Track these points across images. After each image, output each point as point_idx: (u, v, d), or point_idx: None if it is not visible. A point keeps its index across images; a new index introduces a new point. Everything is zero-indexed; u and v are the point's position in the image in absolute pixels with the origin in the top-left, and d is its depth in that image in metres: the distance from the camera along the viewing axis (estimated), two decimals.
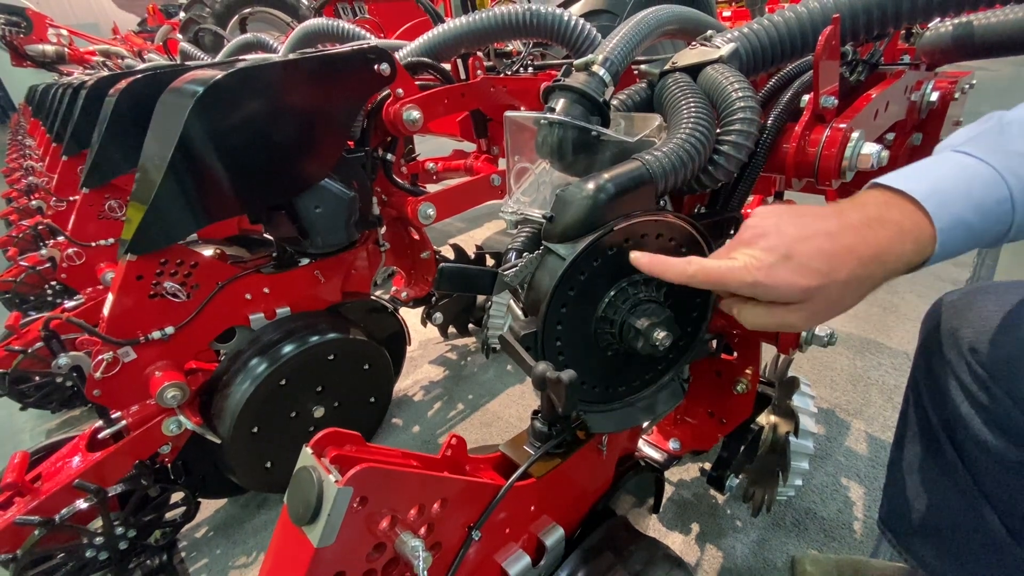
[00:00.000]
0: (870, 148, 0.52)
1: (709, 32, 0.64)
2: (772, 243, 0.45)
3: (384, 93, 1.12)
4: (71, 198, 2.14)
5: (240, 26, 2.40)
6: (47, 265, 2.13)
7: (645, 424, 0.83)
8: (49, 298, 2.17)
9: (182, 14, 5.70)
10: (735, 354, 0.77)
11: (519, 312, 0.55)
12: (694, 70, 0.61)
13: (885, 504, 0.89)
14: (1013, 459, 0.66)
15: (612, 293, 0.53)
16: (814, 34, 0.62)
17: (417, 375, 1.71)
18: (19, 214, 2.86)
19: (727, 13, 8.50)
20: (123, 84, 1.40)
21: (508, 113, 0.57)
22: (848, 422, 1.37)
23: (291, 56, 0.96)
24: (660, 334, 0.51)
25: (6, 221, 2.91)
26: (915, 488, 0.80)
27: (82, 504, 0.95)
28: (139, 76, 1.42)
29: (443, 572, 0.48)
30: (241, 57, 1.86)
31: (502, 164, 1.56)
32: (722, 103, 0.55)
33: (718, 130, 0.55)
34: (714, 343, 0.69)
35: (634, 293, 0.54)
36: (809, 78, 0.61)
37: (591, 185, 0.49)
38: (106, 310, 0.98)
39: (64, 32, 6.99)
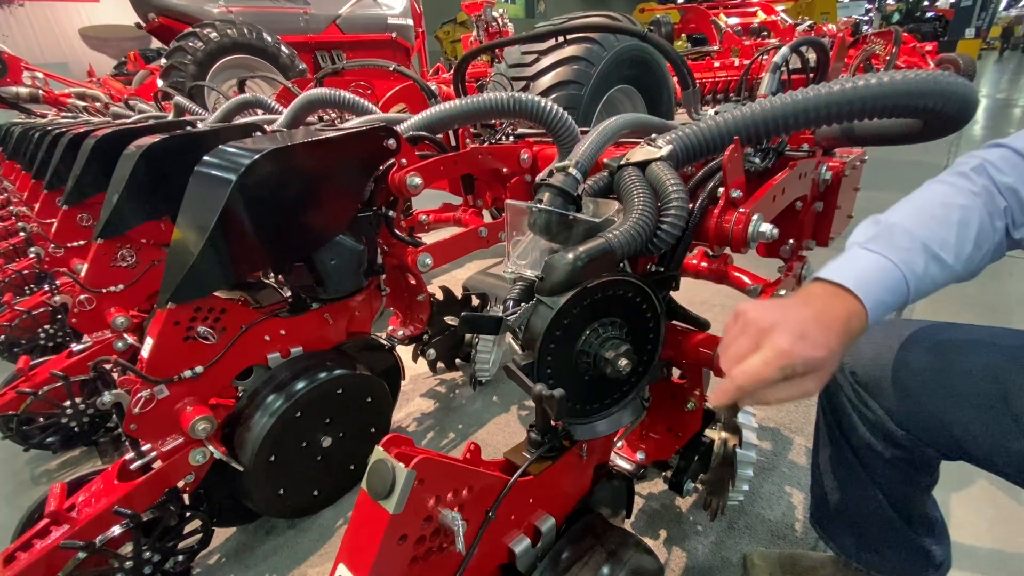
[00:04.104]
0: (765, 227, 0.74)
1: (654, 135, 0.87)
2: (788, 328, 0.57)
3: (389, 162, 1.31)
4: (70, 244, 2.23)
5: (239, 86, 2.58)
6: (41, 310, 2.20)
7: (616, 437, 1.01)
8: (42, 342, 2.23)
9: (163, 60, 5.85)
10: (685, 379, 0.97)
11: (517, 348, 0.73)
12: (643, 165, 0.82)
13: (812, 503, 1.08)
14: (890, 456, 0.87)
15: (587, 332, 0.72)
16: (729, 138, 0.85)
17: (409, 407, 1.84)
18: (3, 258, 2.90)
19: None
20: (144, 144, 1.56)
21: (508, 201, 0.77)
22: (791, 439, 1.58)
23: (318, 137, 1.14)
24: (622, 362, 0.70)
25: None
26: (830, 486, 1.00)
27: (117, 530, 1.06)
28: (159, 139, 1.58)
29: (467, 546, 0.63)
30: (246, 120, 2.04)
31: (487, 217, 1.76)
32: (662, 193, 0.76)
33: (660, 213, 0.76)
34: (665, 369, 0.88)
35: (603, 332, 0.73)
36: None
37: (570, 255, 0.69)
38: (145, 352, 1.11)
39: (40, 75, 7.04)
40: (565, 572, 0.72)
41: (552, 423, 0.74)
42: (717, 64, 8.85)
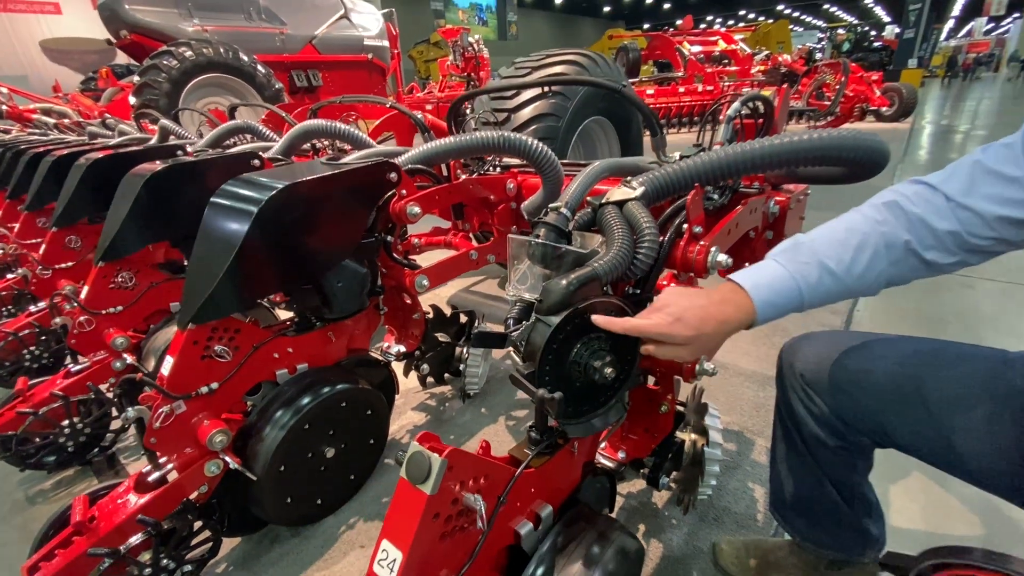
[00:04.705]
0: (722, 257, 0.90)
1: (629, 178, 1.02)
2: (671, 311, 0.81)
3: (390, 192, 1.43)
4: (58, 266, 2.26)
5: (230, 113, 2.67)
6: (26, 332, 2.21)
7: (600, 438, 1.14)
8: (27, 363, 2.23)
9: (136, 78, 5.82)
10: (659, 386, 1.12)
11: (519, 360, 0.86)
12: (620, 204, 0.97)
13: (770, 493, 1.23)
14: (833, 445, 1.02)
15: (578, 346, 0.86)
16: (691, 181, 1.01)
17: (402, 420, 1.94)
18: None
19: (650, 91, 9.61)
20: (148, 172, 1.63)
21: (510, 236, 0.90)
22: (753, 440, 1.75)
23: (330, 172, 1.25)
24: (607, 370, 0.84)
25: None
26: (785, 475, 1.15)
27: (139, 538, 1.12)
28: (162, 167, 1.66)
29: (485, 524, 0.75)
30: (243, 149, 2.13)
31: (474, 241, 1.90)
32: (637, 229, 0.91)
33: (636, 245, 0.91)
34: (641, 377, 1.03)
35: (591, 345, 0.87)
36: None
37: (564, 281, 0.82)
38: (165, 370, 1.19)
39: (4, 90, 6.88)
40: (563, 550, 0.84)
41: (550, 423, 0.87)
42: (682, 90, 9.34)
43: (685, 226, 0.95)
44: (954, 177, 0.80)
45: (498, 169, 1.79)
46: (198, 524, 1.25)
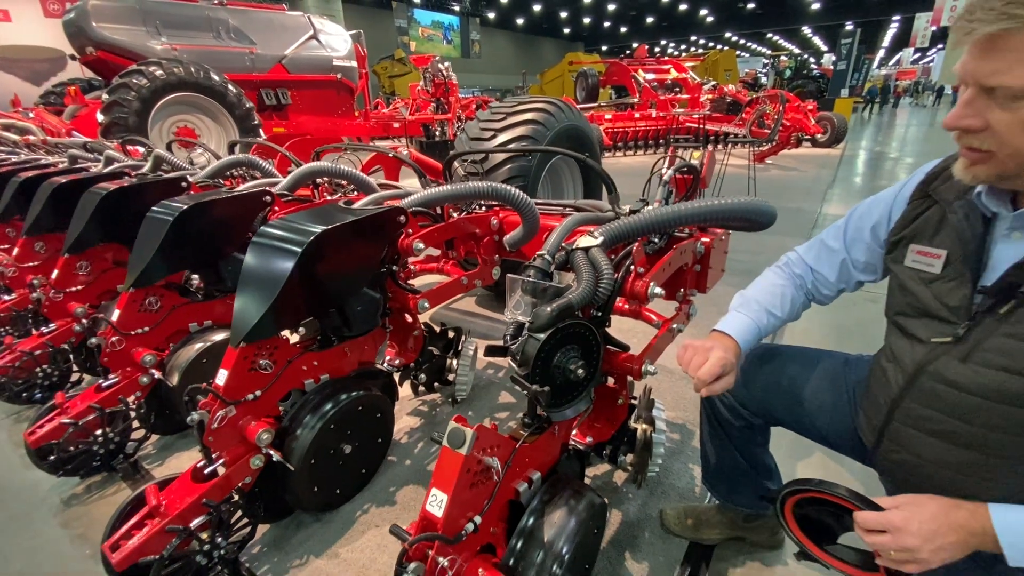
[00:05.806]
0: (658, 290, 1.27)
1: (592, 229, 1.38)
2: (714, 352, 1.12)
3: (399, 231, 1.74)
4: (69, 289, 2.43)
5: (229, 149, 2.89)
6: (38, 352, 2.37)
7: (574, 424, 1.48)
8: (40, 381, 2.38)
9: (104, 95, 5.83)
10: (616, 384, 1.47)
11: (515, 366, 1.19)
12: (586, 250, 1.33)
13: (702, 468, 1.60)
14: (739, 425, 1.40)
15: (558, 354, 1.20)
16: (638, 233, 1.38)
17: (399, 424, 2.22)
18: None
19: (608, 116, 10.19)
20: (176, 209, 1.87)
21: (509, 276, 1.24)
22: (694, 432, 2.13)
23: (357, 217, 1.55)
24: (579, 371, 1.18)
25: None
26: (710, 451, 1.52)
27: (201, 519, 1.37)
28: (187, 205, 1.90)
29: (500, 476, 1.07)
30: (254, 186, 2.37)
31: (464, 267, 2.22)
32: (599, 269, 1.26)
33: (598, 281, 1.26)
34: (603, 377, 1.38)
35: (568, 354, 1.21)
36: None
37: (548, 309, 1.16)
38: (220, 380, 1.45)
39: None
40: (550, 502, 1.17)
41: (539, 411, 1.20)
42: (637, 115, 10.00)
43: (632, 267, 1.31)
44: (810, 250, 1.26)
45: (483, 207, 2.12)
46: (248, 508, 1.51)
